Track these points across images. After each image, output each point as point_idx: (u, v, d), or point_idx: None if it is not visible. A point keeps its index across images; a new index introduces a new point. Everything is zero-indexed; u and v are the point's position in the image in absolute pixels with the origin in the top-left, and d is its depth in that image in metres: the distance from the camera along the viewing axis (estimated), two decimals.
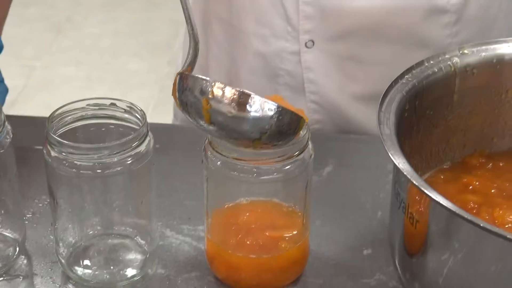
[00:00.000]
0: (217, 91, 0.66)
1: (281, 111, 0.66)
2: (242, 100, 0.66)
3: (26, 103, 2.52)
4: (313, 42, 0.95)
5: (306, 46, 0.96)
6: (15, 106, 2.51)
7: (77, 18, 3.06)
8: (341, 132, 1.02)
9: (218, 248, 0.74)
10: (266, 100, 0.66)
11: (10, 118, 0.95)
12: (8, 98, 2.81)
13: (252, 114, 0.66)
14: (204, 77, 0.67)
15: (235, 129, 0.67)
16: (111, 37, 2.93)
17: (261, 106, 0.66)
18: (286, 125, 0.67)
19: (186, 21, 0.72)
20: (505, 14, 0.98)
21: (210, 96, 0.66)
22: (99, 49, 2.86)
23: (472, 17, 0.95)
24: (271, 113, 0.66)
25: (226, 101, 0.66)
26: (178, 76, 0.69)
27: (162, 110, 2.49)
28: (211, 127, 0.67)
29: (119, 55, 2.82)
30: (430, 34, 0.94)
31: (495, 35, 0.95)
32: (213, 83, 0.67)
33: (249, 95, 0.66)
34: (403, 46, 0.94)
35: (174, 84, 0.69)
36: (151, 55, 2.81)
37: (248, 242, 0.73)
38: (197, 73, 0.70)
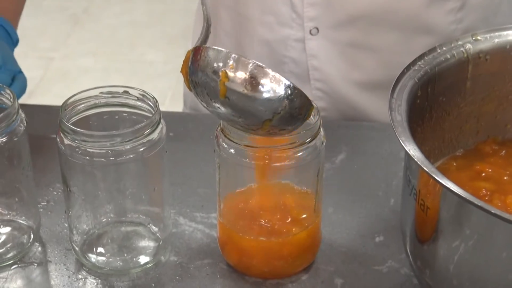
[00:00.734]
0: (237, 64, 0.66)
1: (297, 93, 0.66)
2: (260, 76, 0.66)
3: (43, 94, 2.53)
4: (317, 29, 0.95)
5: (310, 33, 0.96)
6: (32, 97, 2.52)
7: (94, 10, 3.06)
8: (346, 119, 1.02)
9: (229, 231, 0.74)
10: (283, 79, 0.65)
11: (26, 107, 0.96)
12: (28, 88, 2.83)
13: (269, 92, 0.66)
14: (224, 50, 0.67)
15: (248, 107, 0.66)
16: (128, 28, 2.94)
17: (278, 84, 0.66)
18: (298, 109, 0.67)
19: (202, 3, 0.72)
20: (509, 0, 0.97)
21: (230, 68, 0.66)
22: (116, 40, 2.87)
23: (477, 3, 0.95)
24: (288, 92, 0.65)
25: (244, 76, 0.66)
26: (193, 50, 0.69)
27: (179, 100, 2.49)
28: (220, 107, 0.67)
29: (135, 46, 2.83)
30: (434, 21, 0.94)
31: (500, 21, 0.95)
32: (234, 56, 0.66)
33: (268, 73, 0.66)
34: (406, 33, 0.94)
35: (186, 60, 0.69)
36: (167, 45, 2.81)
37: (259, 225, 0.73)
38: None
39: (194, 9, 1.15)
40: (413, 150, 0.63)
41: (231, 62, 0.66)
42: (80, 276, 0.76)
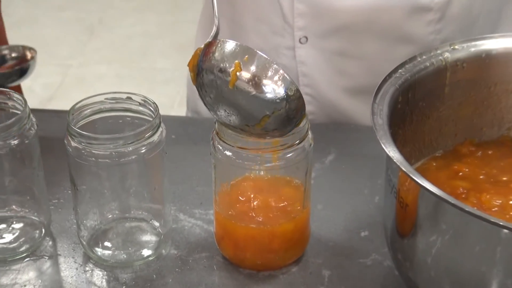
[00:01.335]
0: (251, 57, 0.67)
1: (298, 96, 0.67)
2: (270, 72, 0.67)
3: (62, 99, 2.54)
4: (306, 38, 0.95)
5: (300, 42, 0.96)
6: (52, 102, 2.53)
7: (109, 21, 3.07)
8: (332, 122, 1.01)
9: (224, 220, 0.74)
10: (290, 80, 0.66)
11: (39, 112, 0.96)
12: (46, 94, 2.85)
13: (275, 88, 0.67)
14: (240, 43, 0.68)
15: (253, 99, 0.67)
16: (140, 38, 2.94)
17: (284, 83, 0.67)
18: (294, 111, 0.67)
19: (212, 4, 0.73)
20: (486, 13, 0.97)
21: (244, 60, 0.67)
22: (129, 49, 2.87)
23: (455, 15, 0.94)
24: (291, 92, 0.66)
25: (256, 69, 0.67)
26: (207, 44, 0.70)
27: (185, 106, 2.51)
28: (224, 99, 0.67)
29: (147, 55, 2.83)
30: (414, 31, 0.93)
31: (477, 32, 0.95)
32: (250, 49, 0.67)
33: (278, 70, 0.67)
34: (389, 42, 0.94)
35: (195, 55, 0.69)
36: (176, 54, 2.81)
37: (250, 213, 0.73)
38: None
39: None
40: (392, 152, 0.63)
41: (246, 55, 0.67)
42: (87, 268, 0.76)
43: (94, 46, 2.90)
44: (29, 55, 1.06)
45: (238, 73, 0.67)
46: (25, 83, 2.94)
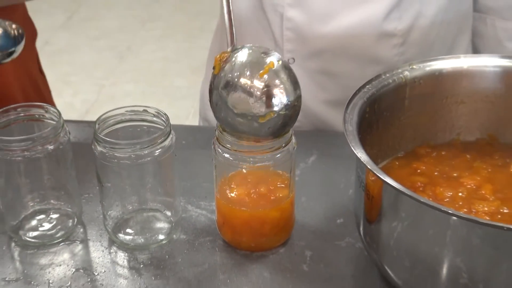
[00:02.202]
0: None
1: (299, 106, 0.69)
2: (292, 75, 0.69)
3: (96, 112, 2.51)
4: (294, 59, 0.95)
5: (288, 62, 0.96)
6: (88, 115, 2.53)
7: (135, 48, 3.07)
8: (315, 129, 1.01)
9: (224, 209, 0.74)
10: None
11: (74, 122, 0.96)
12: (83, 108, 2.84)
13: (291, 88, 0.69)
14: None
15: (272, 92, 0.67)
16: (161, 61, 2.94)
17: (297, 89, 0.69)
18: (290, 117, 0.68)
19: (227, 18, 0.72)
20: (442, 39, 0.96)
21: (277, 59, 0.68)
22: (152, 71, 2.88)
23: (415, 40, 0.94)
24: (298, 98, 0.69)
25: (285, 69, 0.68)
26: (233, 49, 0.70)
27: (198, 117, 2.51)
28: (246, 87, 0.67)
29: (167, 75, 2.84)
30: (382, 53, 0.93)
31: (434, 54, 0.94)
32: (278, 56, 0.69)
33: (295, 77, 0.70)
34: (361, 62, 0.93)
35: (219, 59, 0.70)
36: (191, 75, 2.82)
37: (245, 198, 0.73)
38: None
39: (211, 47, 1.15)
40: (360, 153, 0.63)
41: (278, 58, 0.68)
42: (111, 251, 0.76)
43: (123, 69, 2.90)
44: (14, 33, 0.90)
45: (270, 68, 0.67)
46: (66, 99, 2.95)
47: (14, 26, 0.91)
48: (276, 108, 0.67)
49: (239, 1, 0.97)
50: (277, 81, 0.67)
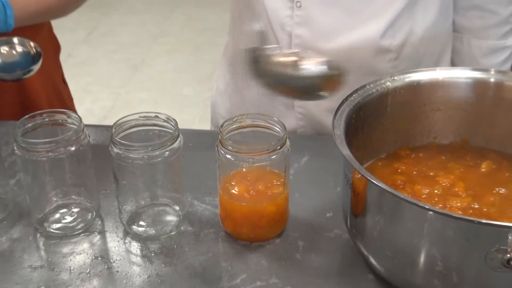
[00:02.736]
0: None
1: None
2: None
3: (113, 118, 2.52)
4: None
5: None
6: (106, 120, 2.53)
7: (148, 60, 3.07)
8: (317, 134, 1.01)
9: (226, 204, 0.73)
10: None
11: (93, 127, 0.96)
12: (101, 114, 2.83)
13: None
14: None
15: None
16: (171, 73, 2.94)
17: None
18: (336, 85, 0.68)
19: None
20: (430, 54, 0.97)
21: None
22: (163, 81, 2.87)
23: (407, 55, 0.94)
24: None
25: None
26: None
27: (204, 122, 2.51)
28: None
29: (176, 85, 2.83)
30: (378, 66, 0.93)
31: (423, 67, 0.95)
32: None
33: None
34: (360, 74, 0.92)
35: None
36: (197, 85, 2.81)
37: (245, 194, 0.72)
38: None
39: (215, 60, 1.15)
40: (347, 155, 0.63)
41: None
42: (126, 241, 0.76)
43: (137, 79, 2.90)
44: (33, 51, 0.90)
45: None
46: (87, 106, 2.94)
47: (33, 45, 0.90)
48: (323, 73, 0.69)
49: (248, 21, 0.96)
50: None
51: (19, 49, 0.89)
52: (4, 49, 0.88)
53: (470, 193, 0.70)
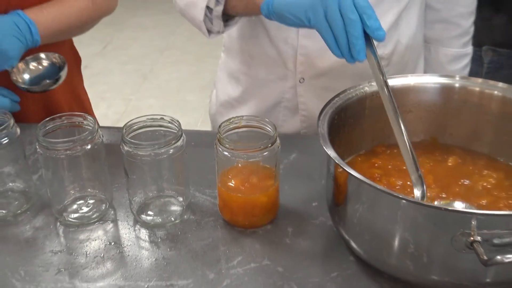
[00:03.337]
0: None
1: None
2: None
3: (125, 121, 2.51)
4: (303, 79, 0.94)
5: (299, 82, 0.95)
6: (119, 123, 2.52)
7: (156, 70, 3.07)
8: (297, 134, 1.00)
9: (224, 195, 0.73)
10: None
11: (107, 128, 0.96)
12: (115, 118, 2.81)
13: None
14: None
15: None
16: (176, 81, 2.94)
17: None
18: None
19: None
20: (411, 61, 0.97)
21: None
22: (169, 88, 2.87)
23: (396, 61, 0.94)
24: None
25: None
26: None
27: (205, 124, 2.51)
28: None
29: (180, 92, 2.83)
30: (371, 73, 0.92)
31: (407, 72, 0.95)
32: None
33: None
34: (356, 80, 0.91)
35: None
36: (199, 91, 2.81)
37: (240, 187, 0.72)
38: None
39: (215, 69, 1.14)
40: (330, 151, 0.63)
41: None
42: (136, 228, 0.75)
43: (147, 87, 2.90)
44: (58, 63, 0.92)
45: None
46: (102, 111, 2.92)
47: (57, 56, 0.91)
48: None
49: (250, 41, 0.96)
50: None
51: (45, 63, 0.91)
52: (33, 64, 0.90)
53: (438, 184, 0.70)
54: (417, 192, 0.65)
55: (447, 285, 0.61)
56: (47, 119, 0.74)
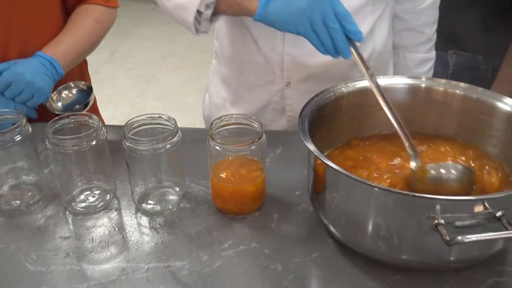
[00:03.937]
0: None
1: None
2: None
3: None
4: (290, 83, 0.93)
5: (286, 85, 0.94)
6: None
7: (159, 75, 3.05)
8: (285, 130, 0.99)
9: (216, 183, 0.72)
10: None
11: (111, 126, 0.94)
12: (121, 118, 2.79)
13: None
14: None
15: None
16: (176, 85, 2.92)
17: None
18: None
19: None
20: (384, 65, 0.97)
21: None
22: (170, 91, 2.85)
23: (371, 66, 0.92)
24: None
25: None
26: None
27: (203, 124, 2.48)
28: None
29: (180, 95, 2.81)
30: (352, 76, 0.92)
31: (380, 74, 0.94)
32: None
33: None
34: (339, 82, 0.92)
35: None
36: (198, 94, 2.79)
37: (231, 177, 0.72)
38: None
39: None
40: (310, 144, 0.63)
41: None
42: (137, 216, 0.75)
43: (150, 90, 2.88)
44: (85, 89, 0.95)
45: None
46: (109, 113, 2.89)
47: (83, 83, 0.95)
48: None
49: (240, 50, 0.95)
50: None
51: (74, 90, 0.95)
52: (65, 93, 0.94)
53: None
54: (412, 164, 0.67)
55: (415, 264, 0.60)
56: (56, 118, 0.73)
